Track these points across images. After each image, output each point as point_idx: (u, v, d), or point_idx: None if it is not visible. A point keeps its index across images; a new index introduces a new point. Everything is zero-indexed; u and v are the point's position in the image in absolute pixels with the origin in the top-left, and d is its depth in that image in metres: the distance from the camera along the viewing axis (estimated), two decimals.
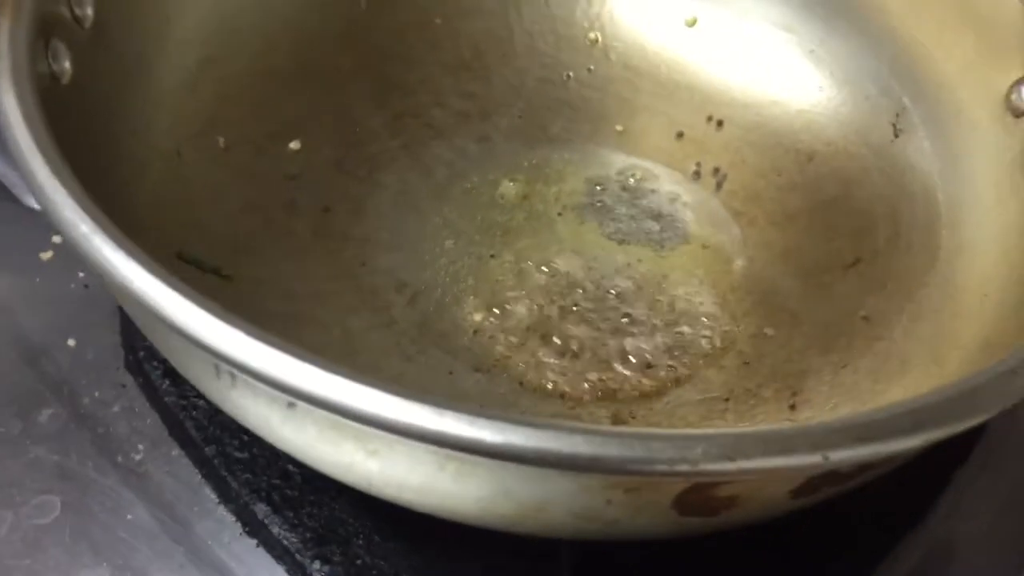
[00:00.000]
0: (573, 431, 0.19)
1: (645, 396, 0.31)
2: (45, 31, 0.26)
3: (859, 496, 0.24)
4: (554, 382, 0.31)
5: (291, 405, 0.21)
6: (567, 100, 0.39)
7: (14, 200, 0.38)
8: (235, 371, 0.20)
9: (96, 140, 0.28)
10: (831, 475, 0.21)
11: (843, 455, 0.19)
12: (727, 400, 0.31)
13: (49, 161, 0.22)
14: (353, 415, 0.19)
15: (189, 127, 0.33)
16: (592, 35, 0.40)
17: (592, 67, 0.40)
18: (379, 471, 0.21)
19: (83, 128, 0.28)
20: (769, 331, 0.33)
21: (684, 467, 0.19)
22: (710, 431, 0.19)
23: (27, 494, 0.31)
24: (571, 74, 0.40)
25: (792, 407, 0.30)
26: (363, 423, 0.19)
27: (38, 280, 0.36)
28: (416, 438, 0.19)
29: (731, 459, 0.19)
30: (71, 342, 0.34)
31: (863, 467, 0.22)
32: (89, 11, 0.28)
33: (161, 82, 0.32)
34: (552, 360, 0.32)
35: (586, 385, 0.31)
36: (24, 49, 0.25)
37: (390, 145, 0.37)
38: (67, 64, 0.27)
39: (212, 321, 0.19)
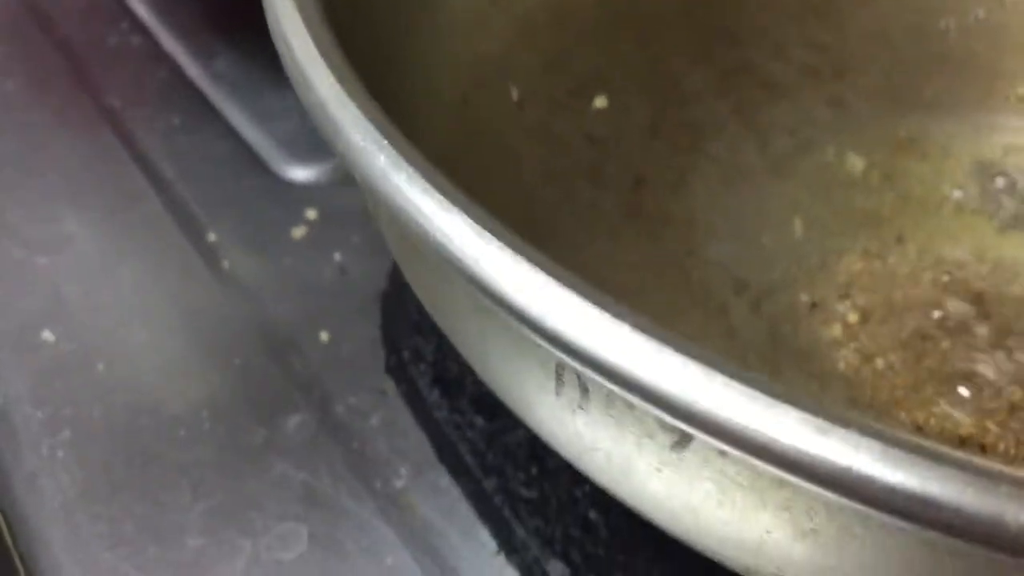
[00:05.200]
0: None
1: None
2: None
3: None
4: (969, 429, 0.22)
5: (680, 446, 0.13)
6: (946, 55, 0.30)
7: (264, 172, 0.33)
8: (600, 380, 0.13)
9: (372, 74, 0.22)
10: None
11: None
12: None
13: (333, 67, 0.15)
14: (831, 478, 0.11)
15: (479, 73, 0.26)
16: None
17: (980, 13, 0.30)
18: (807, 559, 0.13)
19: (359, 58, 0.21)
20: None
21: None
22: None
23: (270, 520, 0.25)
24: (951, 23, 0.30)
25: None
26: (848, 493, 0.11)
27: (288, 261, 0.30)
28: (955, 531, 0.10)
29: None
30: (324, 336, 0.28)
31: None
32: None
33: (451, 13, 0.25)
34: (958, 395, 0.23)
35: (1014, 433, 0.22)
36: None
37: (717, 107, 0.29)
38: None
39: (578, 302, 0.12)
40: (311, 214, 0.31)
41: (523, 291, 0.12)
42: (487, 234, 0.13)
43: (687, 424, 0.12)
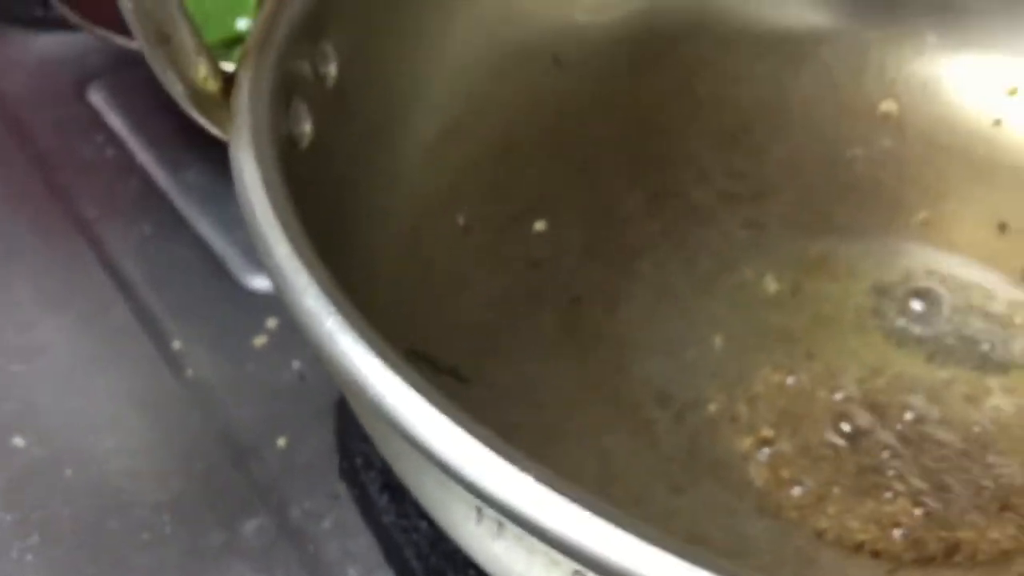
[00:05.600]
0: None
1: (992, 560, 0.24)
2: (287, 88, 0.23)
3: None
4: (864, 535, 0.25)
5: (580, 573, 0.15)
6: (854, 183, 0.33)
7: (228, 280, 0.35)
8: (507, 522, 0.15)
9: (331, 214, 0.24)
10: None
11: None
12: None
13: (291, 238, 0.18)
14: None
15: (428, 204, 0.29)
16: (885, 107, 0.34)
17: (885, 144, 0.34)
18: None
19: (319, 200, 0.24)
20: None
21: None
22: None
23: None
24: (858, 152, 0.34)
25: None
26: None
27: (250, 368, 0.32)
28: None
29: None
30: (281, 442, 0.30)
31: None
32: (332, 68, 0.25)
33: (401, 152, 0.28)
34: (859, 505, 0.25)
35: (906, 540, 0.25)
36: (266, 107, 0.21)
37: (647, 229, 0.32)
38: (307, 127, 0.24)
39: (491, 458, 0.14)
40: (271, 323, 0.33)
41: (445, 446, 0.15)
42: (417, 396, 0.15)
43: (576, 562, 0.14)
